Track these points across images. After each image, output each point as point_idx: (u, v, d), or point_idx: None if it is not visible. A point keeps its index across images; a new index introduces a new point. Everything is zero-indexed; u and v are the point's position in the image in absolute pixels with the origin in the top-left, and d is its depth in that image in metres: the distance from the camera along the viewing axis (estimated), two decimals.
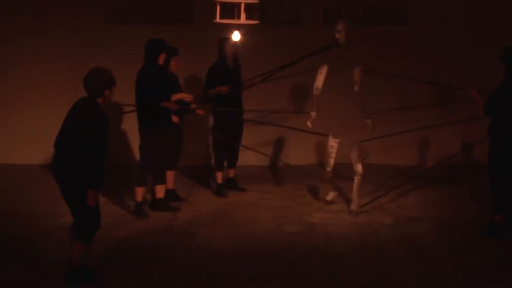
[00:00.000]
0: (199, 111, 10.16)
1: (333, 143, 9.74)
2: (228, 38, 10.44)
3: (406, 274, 7.64)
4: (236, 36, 10.83)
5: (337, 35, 9.76)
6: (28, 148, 12.81)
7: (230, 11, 10.17)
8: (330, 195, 10.16)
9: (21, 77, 12.76)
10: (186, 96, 9.80)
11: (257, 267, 7.85)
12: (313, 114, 9.84)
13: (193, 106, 10.02)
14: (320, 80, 9.88)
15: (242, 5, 9.94)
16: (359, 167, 9.71)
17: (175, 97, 9.60)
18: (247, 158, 12.49)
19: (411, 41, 12.87)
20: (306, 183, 11.48)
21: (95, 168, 6.91)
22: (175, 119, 9.84)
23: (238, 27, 10.72)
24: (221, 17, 10.11)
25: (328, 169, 9.80)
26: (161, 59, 9.46)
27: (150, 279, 7.46)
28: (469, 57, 12.59)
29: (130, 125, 11.20)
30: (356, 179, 9.72)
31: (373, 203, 10.09)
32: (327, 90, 12.22)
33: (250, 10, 10.44)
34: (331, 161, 9.77)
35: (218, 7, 10.03)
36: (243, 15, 10.02)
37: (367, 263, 7.99)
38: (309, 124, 9.86)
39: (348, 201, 10.23)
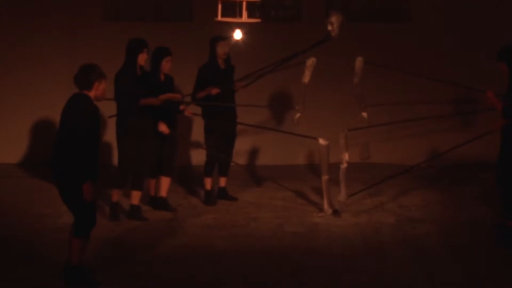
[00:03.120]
0: (186, 113, 9.88)
1: (323, 146, 9.49)
2: (218, 38, 10.11)
3: (408, 275, 7.59)
4: (237, 34, 10.75)
5: (329, 28, 9.46)
6: (27, 147, 12.78)
7: (231, 9, 10.10)
8: (326, 212, 9.72)
9: (20, 77, 12.72)
10: (174, 96, 9.52)
11: (257, 267, 7.80)
12: (300, 108, 9.68)
13: (182, 107, 9.81)
14: (307, 74, 9.64)
15: (244, 3, 9.86)
16: (345, 155, 9.48)
17: (162, 97, 9.29)
18: (247, 157, 12.46)
19: (412, 39, 12.82)
20: (307, 183, 11.43)
21: (88, 161, 6.97)
22: (163, 128, 9.48)
23: (240, 25, 10.64)
24: (222, 15, 10.03)
25: (324, 173, 9.56)
26: (141, 59, 9.21)
27: (149, 279, 7.40)
28: (470, 56, 12.52)
29: None
30: (342, 167, 9.52)
31: (374, 203, 10.08)
32: (324, 88, 12.25)
33: (252, 8, 10.37)
34: (325, 166, 9.54)
35: (219, 5, 9.96)
36: (244, 13, 9.95)
37: (369, 263, 7.94)
38: (296, 118, 9.69)
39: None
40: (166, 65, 9.64)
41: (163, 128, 9.50)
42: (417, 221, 9.47)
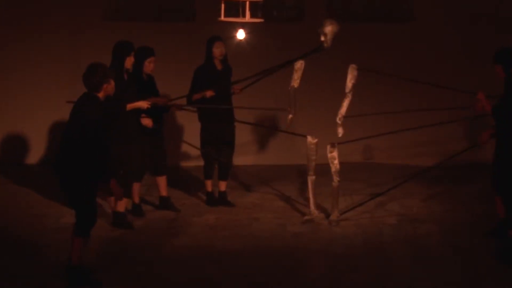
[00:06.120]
0: (174, 108, 9.73)
1: (311, 145, 9.34)
2: (214, 38, 9.88)
3: (410, 275, 7.58)
4: (240, 34, 10.72)
5: (322, 38, 9.21)
6: (29, 147, 12.80)
7: (234, 9, 10.08)
8: (312, 213, 9.51)
9: (22, 77, 12.73)
10: (159, 101, 9.40)
11: (259, 268, 7.78)
12: (290, 115, 9.44)
13: (173, 109, 9.68)
14: (295, 78, 9.39)
15: (247, 3, 9.84)
16: (335, 171, 9.28)
17: (150, 100, 9.08)
18: (250, 157, 12.44)
19: (415, 39, 12.80)
20: None
21: (92, 162, 7.01)
22: (146, 121, 9.27)
23: (243, 25, 10.62)
24: (225, 15, 10.01)
25: (310, 173, 9.40)
26: (128, 63, 8.99)
27: (150, 280, 7.39)
28: (472, 57, 12.48)
29: None
30: (334, 184, 9.34)
31: (376, 203, 10.02)
32: (324, 89, 12.21)
33: (254, 8, 10.35)
34: (312, 164, 9.37)
35: (222, 5, 9.94)
36: (247, 13, 9.92)
37: (371, 264, 7.92)
38: (289, 119, 9.44)
39: (347, 200, 10.20)
40: (148, 66, 9.46)
41: (146, 121, 9.26)
42: (418, 221, 9.45)
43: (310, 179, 9.43)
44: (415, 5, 12.94)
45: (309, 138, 9.35)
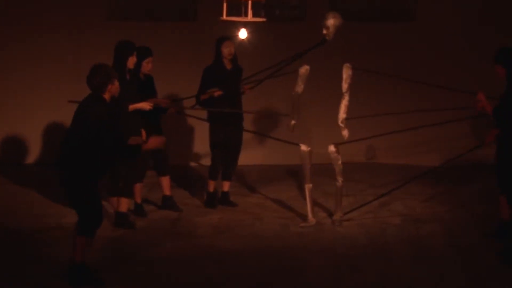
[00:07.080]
0: (170, 110, 9.64)
1: (305, 153, 9.22)
2: (224, 38, 9.85)
3: (413, 275, 7.53)
4: (242, 33, 10.67)
5: (324, 32, 9.16)
6: (29, 147, 12.76)
7: (236, 8, 10.02)
8: (310, 221, 9.31)
9: (22, 77, 12.69)
10: (162, 102, 9.35)
11: (262, 268, 7.74)
12: (293, 121, 9.38)
13: (171, 111, 9.62)
14: (299, 83, 9.30)
15: (249, 3, 9.78)
16: (339, 171, 9.23)
17: (151, 101, 9.04)
18: (253, 157, 12.39)
19: (413, 39, 12.78)
20: (313, 183, 11.32)
21: (95, 162, 7.01)
22: (135, 141, 9.12)
23: (245, 24, 10.56)
24: (227, 15, 9.95)
25: (307, 181, 9.28)
26: (131, 63, 8.89)
27: (151, 280, 7.35)
28: (472, 57, 12.46)
29: None
30: (337, 185, 9.28)
31: (380, 203, 9.98)
32: (321, 88, 12.18)
33: (257, 7, 10.29)
34: (308, 172, 9.27)
35: (225, 5, 9.89)
36: (250, 12, 9.87)
37: (374, 263, 7.88)
38: (291, 125, 9.38)
39: (350, 200, 10.16)
40: (146, 66, 9.37)
41: (134, 141, 8.68)
42: (421, 222, 9.42)
43: (307, 187, 9.32)
44: (415, 5, 12.92)
45: (303, 147, 9.25)
